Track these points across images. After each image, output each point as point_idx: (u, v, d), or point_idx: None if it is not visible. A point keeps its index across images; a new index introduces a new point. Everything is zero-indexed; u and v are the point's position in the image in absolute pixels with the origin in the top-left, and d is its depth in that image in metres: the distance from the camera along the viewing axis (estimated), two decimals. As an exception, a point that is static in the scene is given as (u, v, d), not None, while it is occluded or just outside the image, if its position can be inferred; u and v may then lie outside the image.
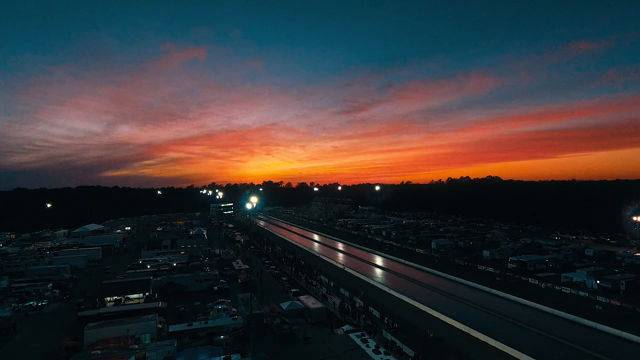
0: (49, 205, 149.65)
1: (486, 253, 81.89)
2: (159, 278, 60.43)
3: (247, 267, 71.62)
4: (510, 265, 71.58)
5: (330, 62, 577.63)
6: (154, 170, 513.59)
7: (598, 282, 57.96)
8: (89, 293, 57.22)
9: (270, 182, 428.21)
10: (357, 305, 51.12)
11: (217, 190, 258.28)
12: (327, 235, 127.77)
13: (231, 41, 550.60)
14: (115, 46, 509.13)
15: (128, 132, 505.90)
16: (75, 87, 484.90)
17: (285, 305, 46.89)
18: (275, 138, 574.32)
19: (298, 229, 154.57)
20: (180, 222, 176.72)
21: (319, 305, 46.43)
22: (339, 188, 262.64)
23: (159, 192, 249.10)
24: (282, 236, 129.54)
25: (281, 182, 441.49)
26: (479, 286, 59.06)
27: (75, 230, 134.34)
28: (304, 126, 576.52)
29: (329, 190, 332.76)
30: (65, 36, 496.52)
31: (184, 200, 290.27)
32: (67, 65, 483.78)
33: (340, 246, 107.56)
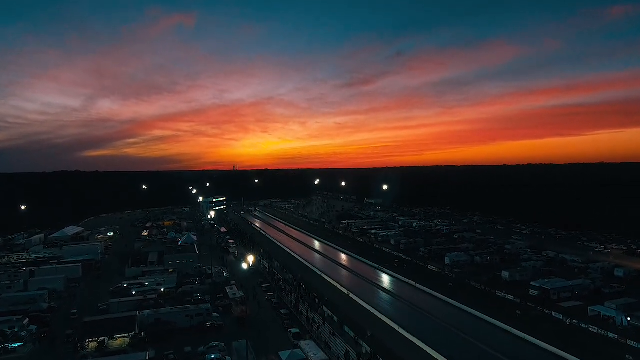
0: (23, 208, 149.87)
1: (505, 274, 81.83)
2: (145, 313, 60.53)
3: (243, 294, 71.91)
4: (532, 292, 71.65)
5: (333, 29, 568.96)
6: (138, 150, 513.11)
7: (629, 319, 57.93)
8: (71, 323, 59.48)
9: (266, 170, 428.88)
10: (364, 351, 51.33)
11: (207, 184, 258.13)
12: (330, 244, 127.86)
13: (223, 5, 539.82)
14: (94, 12, 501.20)
15: (109, 108, 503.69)
16: (50, 58, 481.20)
17: (284, 356, 46.98)
18: (272, 114, 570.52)
19: (297, 232, 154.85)
20: (168, 223, 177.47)
21: (321, 357, 46.55)
22: (343, 184, 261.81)
23: (144, 187, 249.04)
24: (280, 244, 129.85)
25: (278, 170, 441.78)
26: (498, 323, 59.13)
27: (53, 235, 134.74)
28: (303, 100, 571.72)
29: (331, 176, 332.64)
30: (38, 2, 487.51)
31: (171, 191, 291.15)
32: (41, 34, 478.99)
33: (344, 259, 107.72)
